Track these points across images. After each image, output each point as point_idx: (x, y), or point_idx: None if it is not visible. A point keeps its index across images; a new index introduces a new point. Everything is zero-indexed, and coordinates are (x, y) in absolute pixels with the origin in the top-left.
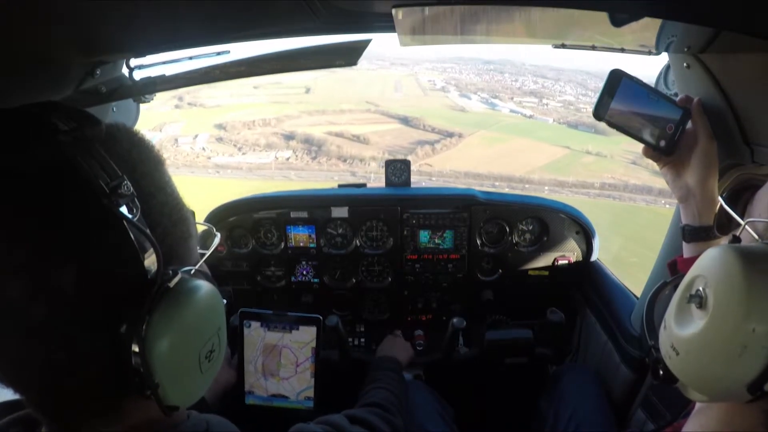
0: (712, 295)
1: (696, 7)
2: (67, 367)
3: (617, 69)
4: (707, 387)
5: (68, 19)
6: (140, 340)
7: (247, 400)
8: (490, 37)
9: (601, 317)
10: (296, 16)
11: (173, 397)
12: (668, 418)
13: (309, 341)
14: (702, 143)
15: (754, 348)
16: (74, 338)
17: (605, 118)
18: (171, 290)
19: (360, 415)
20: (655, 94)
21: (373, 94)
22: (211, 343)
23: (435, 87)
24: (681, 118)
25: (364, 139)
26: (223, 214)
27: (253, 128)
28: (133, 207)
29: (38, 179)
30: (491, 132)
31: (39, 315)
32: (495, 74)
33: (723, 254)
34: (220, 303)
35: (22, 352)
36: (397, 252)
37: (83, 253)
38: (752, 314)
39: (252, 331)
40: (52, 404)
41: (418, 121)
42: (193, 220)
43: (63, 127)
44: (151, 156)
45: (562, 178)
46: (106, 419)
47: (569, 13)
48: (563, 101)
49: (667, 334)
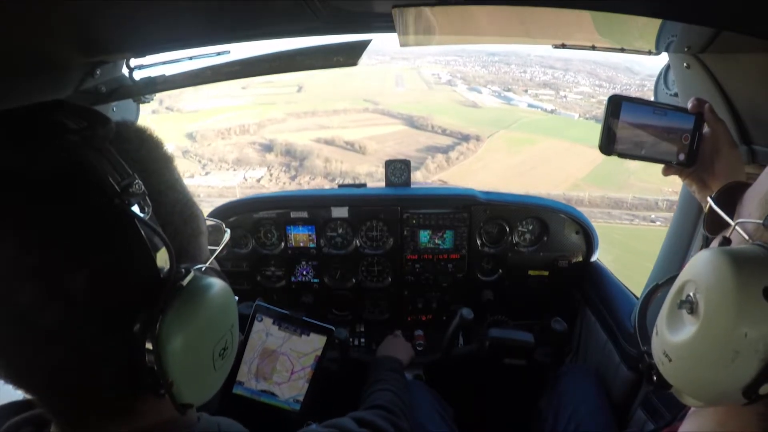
0: (702, 301)
1: (696, 7)
2: (81, 369)
3: (615, 95)
4: (701, 393)
5: (68, 19)
6: (154, 338)
7: (235, 389)
8: (490, 37)
9: (601, 317)
10: (296, 16)
11: (187, 395)
12: (668, 418)
13: (315, 350)
14: (724, 151)
15: (747, 353)
16: (88, 340)
17: (615, 149)
18: (184, 288)
19: (368, 417)
20: (661, 108)
21: (371, 91)
22: (225, 341)
23: (440, 81)
24: (695, 125)
25: (359, 147)
26: (223, 214)
27: (227, 137)
28: (144, 206)
29: (49, 180)
30: (513, 132)
31: (53, 318)
32: (501, 66)
33: (713, 258)
34: (232, 300)
35: (35, 355)
36: (397, 252)
37: (96, 254)
38: (744, 319)
39: (261, 326)
40: (66, 406)
41: (425, 121)
42: (203, 217)
43: (73, 126)
44: (161, 154)
45: (614, 193)
46: (118, 420)
47: (569, 13)
48: (581, 93)
49: (659, 340)
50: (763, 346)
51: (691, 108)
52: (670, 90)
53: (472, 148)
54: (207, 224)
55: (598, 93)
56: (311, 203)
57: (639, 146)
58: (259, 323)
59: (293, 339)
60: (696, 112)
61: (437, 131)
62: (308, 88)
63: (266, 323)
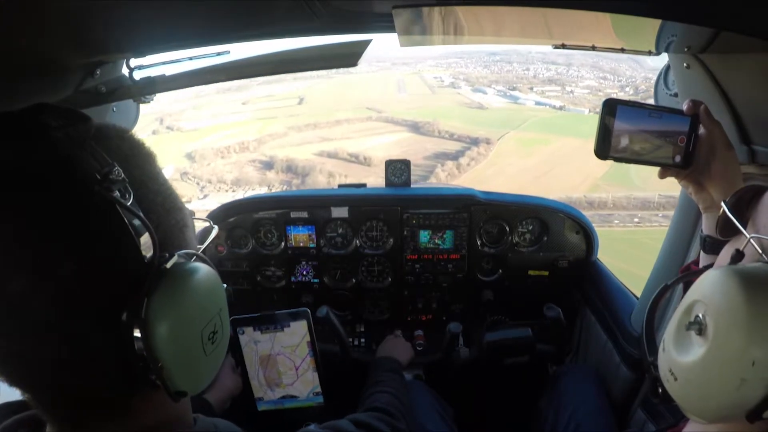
0: (712, 324)
1: (696, 7)
2: (72, 362)
3: (609, 98)
4: (705, 413)
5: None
6: (141, 323)
7: (260, 406)
8: (490, 37)
9: (601, 317)
10: (296, 17)
11: (179, 381)
12: (668, 418)
13: (302, 336)
14: (720, 152)
15: (753, 380)
16: (77, 331)
17: (610, 154)
18: (168, 272)
19: (365, 419)
20: (657, 110)
21: (374, 98)
22: (213, 324)
23: (443, 84)
24: (690, 127)
25: (364, 158)
26: (223, 214)
27: (227, 156)
28: (125, 192)
29: (33, 175)
30: (524, 132)
31: (41, 310)
32: (503, 65)
33: (724, 279)
34: (219, 285)
35: (26, 350)
36: (397, 252)
37: (81, 243)
38: (754, 346)
39: (246, 337)
40: (59, 403)
41: (431, 127)
42: (188, 212)
43: (54, 124)
44: (142, 150)
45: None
46: (114, 419)
47: (569, 13)
48: (588, 87)
49: (666, 357)
50: None
51: (687, 110)
52: (670, 90)
53: (483, 152)
54: (194, 221)
55: (604, 86)
56: (311, 203)
57: (635, 149)
58: (243, 336)
59: (278, 336)
60: (691, 114)
61: (444, 136)
62: (309, 100)
63: (249, 333)
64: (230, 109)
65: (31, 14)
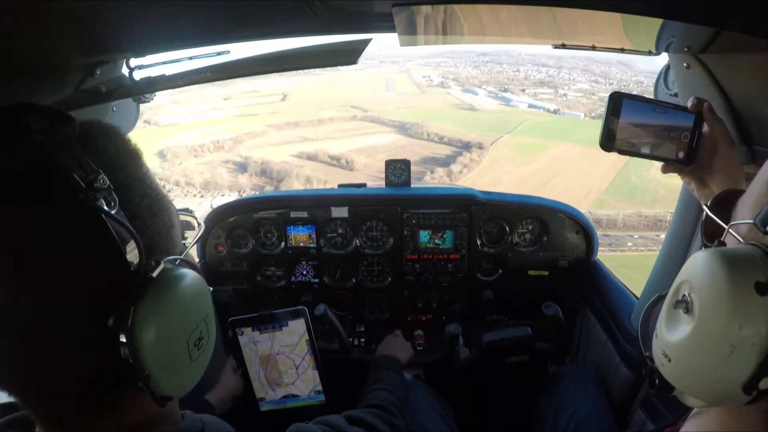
0: (697, 300)
1: (696, 7)
2: (58, 366)
3: (616, 92)
4: (702, 391)
5: (68, 19)
6: (127, 331)
7: (261, 407)
8: (490, 36)
9: (601, 317)
10: (296, 16)
11: (165, 386)
12: (668, 418)
13: (301, 335)
14: (722, 149)
15: (743, 347)
16: (64, 336)
17: (615, 147)
18: (154, 280)
19: (359, 415)
20: (662, 106)
21: (360, 97)
22: (199, 331)
23: (432, 83)
24: (694, 124)
25: (346, 161)
26: (223, 214)
27: (200, 155)
28: (111, 200)
29: (15, 179)
30: (518, 136)
31: (26, 314)
32: (493, 65)
33: (706, 257)
34: (205, 290)
35: (13, 352)
36: (397, 252)
37: (65, 249)
38: (737, 313)
39: (245, 338)
40: (47, 404)
41: (420, 128)
42: (174, 210)
43: (36, 126)
44: (128, 149)
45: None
46: (100, 418)
47: (570, 12)
48: (581, 90)
49: (659, 341)
50: (759, 340)
51: (691, 107)
52: (670, 90)
53: (476, 158)
54: (180, 218)
55: (597, 89)
56: (311, 203)
57: (639, 144)
58: (242, 336)
59: (277, 335)
60: (695, 111)
61: (434, 139)
62: (293, 96)
63: (248, 333)
64: (211, 105)
65: (31, 14)
